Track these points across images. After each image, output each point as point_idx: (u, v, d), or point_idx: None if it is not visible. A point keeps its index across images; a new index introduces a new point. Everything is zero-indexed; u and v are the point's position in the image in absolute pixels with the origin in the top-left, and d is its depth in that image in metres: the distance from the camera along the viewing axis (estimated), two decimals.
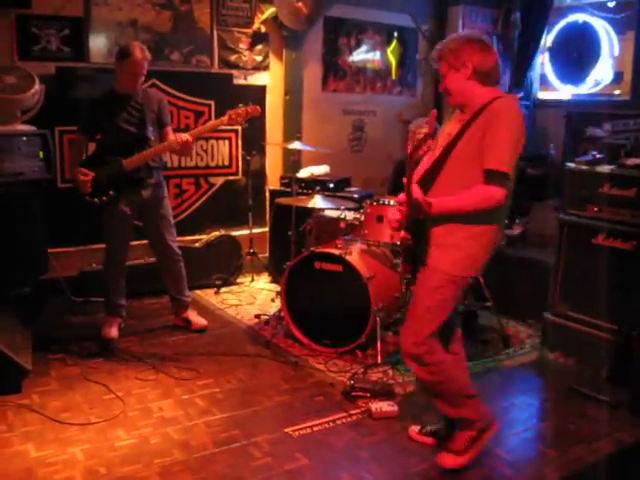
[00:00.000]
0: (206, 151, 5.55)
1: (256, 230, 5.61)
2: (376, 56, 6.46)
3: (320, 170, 5.56)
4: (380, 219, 4.07)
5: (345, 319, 3.97)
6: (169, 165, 5.20)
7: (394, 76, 6.61)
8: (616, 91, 6.19)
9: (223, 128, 4.81)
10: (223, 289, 5.29)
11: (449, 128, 2.72)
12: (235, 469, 2.80)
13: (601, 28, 6.24)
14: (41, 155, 4.16)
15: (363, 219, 4.22)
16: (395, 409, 3.27)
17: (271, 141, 5.80)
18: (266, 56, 5.71)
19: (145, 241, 4.41)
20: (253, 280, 5.57)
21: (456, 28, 6.52)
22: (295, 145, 4.80)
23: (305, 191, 5.12)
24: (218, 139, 5.57)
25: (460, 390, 2.82)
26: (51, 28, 4.64)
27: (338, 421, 3.23)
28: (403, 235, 2.71)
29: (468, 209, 2.57)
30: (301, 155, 5.85)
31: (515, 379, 3.91)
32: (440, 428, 3.04)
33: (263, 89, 5.74)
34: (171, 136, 4.06)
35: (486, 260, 2.73)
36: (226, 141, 5.63)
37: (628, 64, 6.03)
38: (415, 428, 3.12)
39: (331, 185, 5.30)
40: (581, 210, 4.03)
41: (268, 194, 5.83)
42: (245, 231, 5.56)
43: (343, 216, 4.39)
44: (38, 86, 4.26)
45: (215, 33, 5.39)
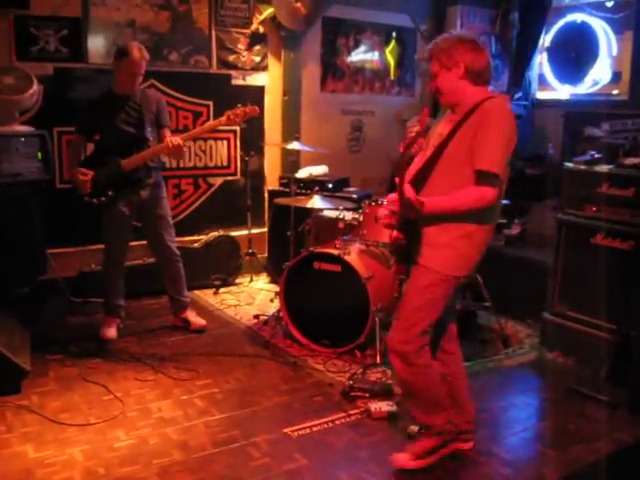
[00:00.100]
0: (205, 151, 5.55)
1: (255, 230, 5.60)
2: (374, 56, 6.46)
3: (319, 170, 5.55)
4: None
5: (344, 319, 3.97)
6: (168, 166, 5.20)
7: (392, 76, 6.61)
8: (614, 91, 6.20)
9: (222, 129, 4.81)
10: (222, 289, 5.28)
11: (440, 128, 2.72)
12: (234, 469, 2.80)
13: (599, 28, 6.25)
14: (39, 156, 4.17)
15: (362, 219, 4.22)
16: (393, 409, 3.27)
17: (270, 141, 5.80)
18: (264, 56, 5.71)
19: (144, 241, 4.40)
20: (252, 280, 5.57)
21: (454, 28, 6.50)
22: (294, 145, 4.80)
23: (304, 191, 5.12)
24: (217, 140, 5.57)
25: (435, 399, 2.81)
26: (49, 28, 4.63)
27: (337, 421, 3.23)
28: (395, 235, 2.72)
29: (460, 209, 2.57)
30: (300, 155, 5.84)
31: (514, 379, 3.91)
32: None
33: (261, 89, 5.74)
34: (166, 139, 4.05)
35: (478, 260, 2.73)
36: (225, 141, 5.63)
37: (626, 64, 6.04)
38: (414, 428, 3.12)
39: (330, 185, 5.30)
40: (579, 210, 4.04)
41: (267, 194, 5.83)
42: (244, 231, 5.56)
43: (342, 216, 4.38)
44: (36, 87, 4.25)
45: (213, 33, 5.39)
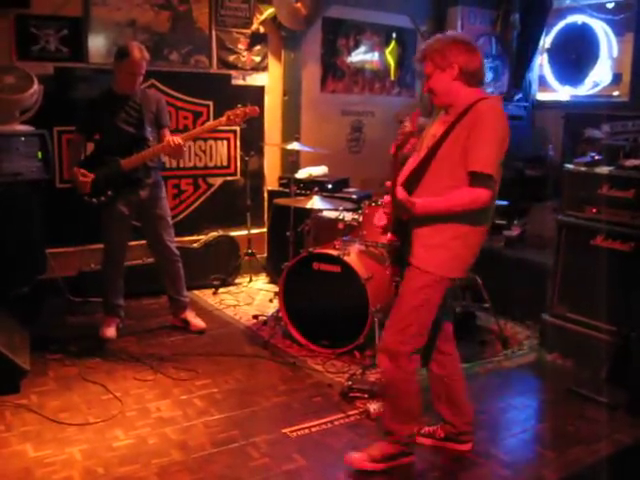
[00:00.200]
0: (205, 152, 5.55)
1: (254, 231, 5.60)
2: (375, 57, 6.46)
3: (318, 171, 5.55)
4: None
5: (343, 320, 3.97)
6: (168, 166, 5.20)
7: (393, 77, 6.61)
8: (615, 92, 6.20)
9: (221, 129, 4.81)
10: (221, 289, 5.28)
11: (434, 129, 2.72)
12: (233, 469, 2.80)
13: (600, 29, 6.26)
14: (39, 155, 4.16)
15: (361, 220, 4.22)
16: None
17: (269, 142, 5.80)
18: (265, 57, 5.71)
19: (143, 241, 4.40)
20: (251, 280, 5.56)
21: (455, 29, 6.51)
22: (293, 146, 4.80)
23: (303, 192, 5.12)
24: (216, 140, 5.57)
25: (409, 408, 2.80)
26: (50, 28, 4.63)
27: (336, 422, 3.22)
28: (390, 237, 2.72)
29: (454, 210, 2.56)
30: (299, 156, 5.84)
31: (513, 380, 3.91)
32: (438, 429, 3.04)
33: (262, 90, 5.74)
34: (167, 138, 4.05)
35: (472, 261, 2.72)
36: (224, 142, 5.62)
37: (627, 65, 6.04)
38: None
39: (329, 186, 5.30)
40: (580, 211, 4.04)
41: (266, 195, 5.83)
42: (243, 232, 5.55)
43: (341, 217, 4.38)
44: (37, 86, 4.25)
45: (214, 33, 5.39)
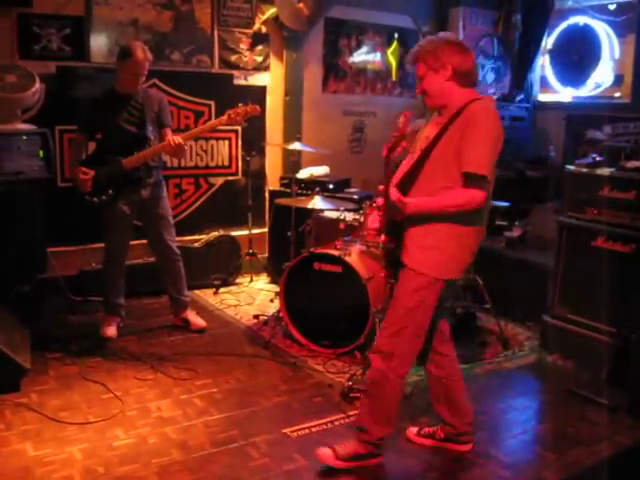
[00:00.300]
0: (206, 151, 5.55)
1: (255, 230, 5.60)
2: (376, 57, 6.46)
3: (320, 171, 5.55)
4: None
5: (344, 320, 3.97)
6: (169, 165, 5.20)
7: (394, 77, 6.61)
8: (616, 94, 6.20)
9: (223, 128, 4.81)
10: (222, 289, 5.28)
11: (427, 131, 2.71)
12: (233, 469, 2.80)
13: (602, 31, 6.26)
14: (41, 154, 4.17)
15: (362, 220, 4.22)
16: None
17: (271, 142, 5.80)
18: (266, 57, 5.71)
19: (144, 241, 4.40)
20: (252, 280, 5.56)
21: (457, 29, 6.53)
22: (295, 146, 4.81)
23: (305, 192, 5.12)
24: (218, 139, 5.57)
25: (388, 411, 2.80)
26: (52, 27, 4.64)
27: (336, 422, 3.22)
28: (383, 239, 2.71)
29: (449, 211, 2.56)
30: (301, 156, 5.84)
31: (514, 381, 3.91)
32: (437, 430, 3.04)
33: (263, 90, 5.74)
34: (167, 137, 4.04)
35: (469, 262, 2.72)
36: (226, 141, 5.63)
37: (629, 67, 6.04)
38: (413, 430, 3.12)
39: (331, 186, 5.30)
40: (581, 213, 4.03)
41: (268, 194, 5.83)
42: (244, 231, 5.55)
43: (342, 217, 4.38)
44: (38, 85, 4.26)
45: (216, 33, 5.39)
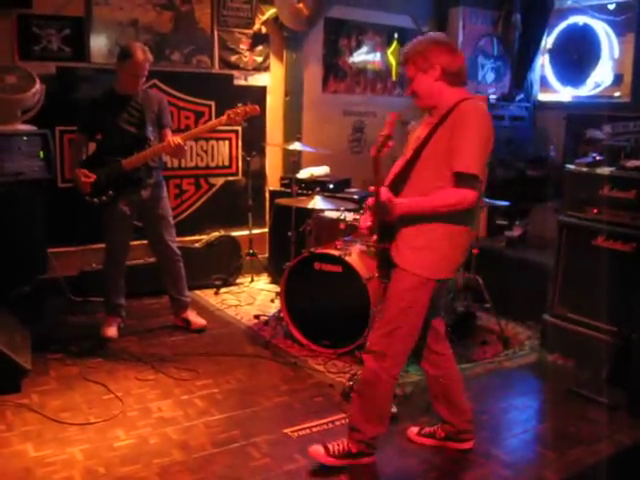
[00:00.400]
0: (206, 151, 5.55)
1: (256, 231, 5.60)
2: (376, 57, 6.45)
3: (320, 171, 5.55)
4: None
5: (344, 320, 3.97)
6: (169, 165, 5.20)
7: (394, 77, 6.60)
8: (616, 93, 6.21)
9: (223, 129, 4.81)
10: (222, 289, 5.28)
11: (419, 131, 2.71)
12: (234, 470, 2.80)
13: (601, 30, 6.26)
14: (41, 155, 4.17)
15: None
16: (394, 410, 3.26)
17: (271, 142, 5.80)
18: (267, 57, 5.71)
19: (145, 241, 4.41)
20: (252, 281, 5.57)
21: (456, 29, 6.53)
22: (295, 146, 4.81)
23: (305, 192, 5.12)
24: (218, 140, 5.57)
25: (380, 411, 2.80)
26: (52, 28, 4.64)
27: (337, 422, 3.22)
28: (374, 239, 2.71)
29: (440, 211, 2.55)
30: (301, 156, 5.84)
31: (514, 381, 3.91)
32: (438, 429, 3.04)
33: (263, 90, 5.74)
34: (167, 138, 4.05)
35: (461, 261, 2.72)
36: (226, 142, 5.63)
37: (628, 66, 6.05)
38: (414, 429, 3.12)
39: (331, 186, 5.30)
40: (581, 212, 4.04)
41: (268, 195, 5.83)
42: (245, 232, 5.56)
43: (343, 217, 4.38)
44: (39, 86, 4.26)
45: (216, 34, 5.40)
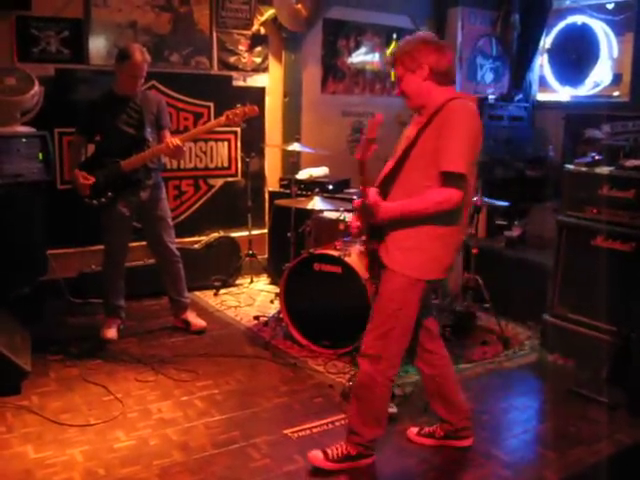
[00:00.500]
0: (205, 153, 5.55)
1: (255, 232, 5.60)
2: (375, 58, 6.44)
3: (319, 172, 5.55)
4: None
5: (344, 320, 3.97)
6: (168, 167, 5.20)
7: (393, 78, 6.60)
8: (615, 93, 6.20)
9: (222, 130, 4.81)
10: (222, 290, 5.28)
11: (408, 132, 2.71)
12: (234, 470, 2.80)
13: (600, 30, 6.26)
14: (40, 157, 4.17)
15: None
16: (394, 410, 3.27)
17: (270, 143, 5.80)
18: (265, 58, 5.71)
19: (144, 242, 4.41)
20: (252, 281, 5.57)
21: (455, 29, 6.53)
22: (294, 147, 4.81)
23: (304, 192, 5.11)
24: (217, 141, 5.57)
25: (377, 413, 2.80)
26: (51, 30, 4.64)
27: (337, 423, 3.22)
28: (364, 240, 2.71)
29: (427, 212, 2.53)
30: (300, 157, 5.84)
31: (514, 381, 3.91)
32: (437, 428, 3.04)
33: (262, 91, 5.74)
34: (166, 139, 4.05)
35: (452, 261, 2.71)
36: (225, 143, 5.63)
37: (627, 66, 6.05)
38: (414, 430, 3.12)
39: (330, 187, 5.29)
40: (580, 212, 4.04)
41: (267, 195, 5.83)
42: (244, 232, 5.56)
43: (342, 217, 4.38)
44: (37, 87, 4.26)
45: (214, 35, 5.40)
